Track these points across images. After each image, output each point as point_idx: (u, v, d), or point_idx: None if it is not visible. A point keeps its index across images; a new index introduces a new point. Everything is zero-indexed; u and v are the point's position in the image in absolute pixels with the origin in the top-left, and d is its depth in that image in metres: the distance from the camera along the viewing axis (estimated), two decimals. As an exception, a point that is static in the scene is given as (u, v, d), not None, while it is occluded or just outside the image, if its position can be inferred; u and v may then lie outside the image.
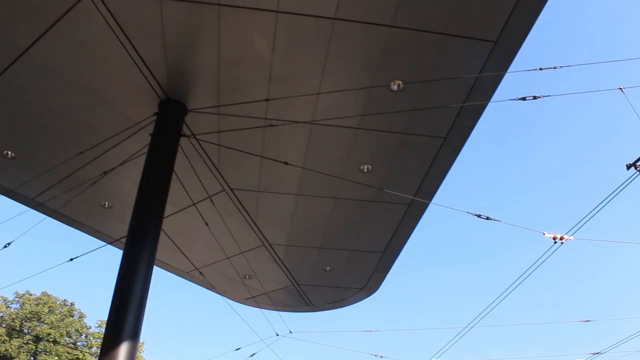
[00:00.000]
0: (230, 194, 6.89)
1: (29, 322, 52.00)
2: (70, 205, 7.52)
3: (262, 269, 8.42)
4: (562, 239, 10.21)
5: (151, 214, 5.42)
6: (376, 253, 8.05)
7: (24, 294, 53.85)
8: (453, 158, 6.45)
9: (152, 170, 5.64)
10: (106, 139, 6.27)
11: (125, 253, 5.19)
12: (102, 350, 4.72)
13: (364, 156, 6.41)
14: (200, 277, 8.68)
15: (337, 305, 9.70)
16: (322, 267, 8.44)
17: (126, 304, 4.85)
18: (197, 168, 6.51)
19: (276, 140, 6.19)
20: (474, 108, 5.67)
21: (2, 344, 49.16)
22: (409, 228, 7.52)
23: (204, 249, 8.08)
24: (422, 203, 6.97)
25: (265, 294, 9.21)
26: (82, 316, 57.01)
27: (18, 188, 7.28)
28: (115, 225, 7.82)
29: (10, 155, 6.73)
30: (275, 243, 7.82)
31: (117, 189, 7.13)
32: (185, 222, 7.49)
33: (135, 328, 4.78)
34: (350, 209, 7.18)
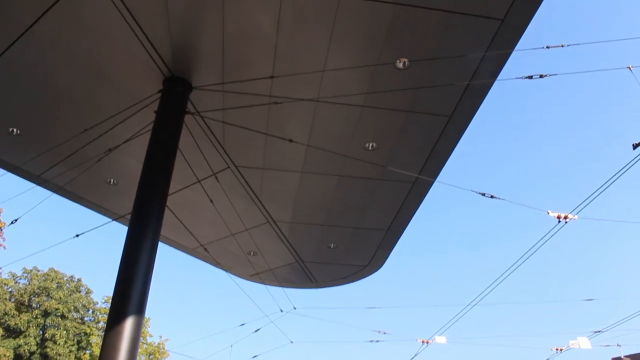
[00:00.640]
0: (234, 171, 6.90)
1: (37, 297, 52.72)
2: (75, 182, 7.56)
3: (266, 246, 8.47)
4: (567, 218, 10.22)
5: (156, 191, 5.45)
6: (380, 231, 8.08)
7: (32, 270, 54.50)
8: (458, 137, 6.44)
9: (156, 147, 5.66)
10: (111, 116, 6.27)
11: (130, 229, 5.23)
12: (108, 325, 4.79)
13: (369, 134, 6.40)
14: (205, 254, 8.75)
15: (341, 282, 9.78)
16: (326, 244, 8.49)
17: (131, 279, 4.91)
18: (201, 145, 6.52)
19: (281, 118, 6.19)
20: (480, 86, 5.63)
21: (11, 319, 49.94)
22: (413, 206, 7.54)
23: (208, 225, 8.13)
24: (426, 181, 6.97)
25: (269, 271, 9.28)
26: (89, 292, 57.73)
27: (24, 165, 7.32)
28: (121, 202, 7.87)
29: (16, 133, 6.76)
30: (280, 220, 7.86)
31: (122, 166, 7.16)
32: (190, 199, 7.53)
33: (140, 303, 4.85)
34: (354, 187, 7.19)
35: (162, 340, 55.60)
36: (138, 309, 4.81)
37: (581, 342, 26.09)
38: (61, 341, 50.70)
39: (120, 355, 4.54)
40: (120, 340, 4.59)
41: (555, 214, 10.08)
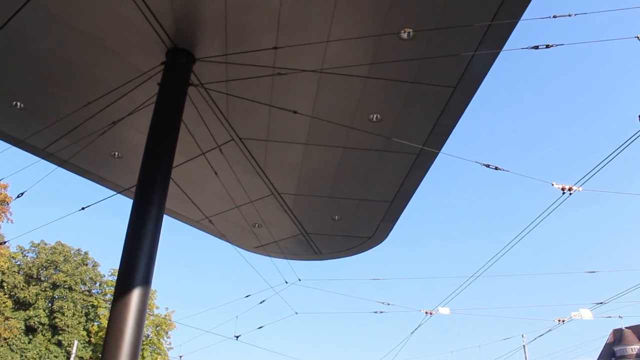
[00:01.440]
0: (239, 144, 6.90)
1: (45, 270, 53.36)
2: (80, 156, 7.57)
3: (271, 218, 8.51)
4: (571, 190, 10.21)
5: (160, 163, 5.46)
6: (384, 202, 8.09)
7: (39, 243, 55.06)
8: (463, 108, 6.40)
9: (160, 119, 5.65)
10: (114, 89, 6.25)
11: (136, 202, 5.26)
12: (115, 296, 4.85)
13: (373, 105, 6.36)
14: (210, 226, 8.80)
15: (345, 254, 9.84)
16: (331, 216, 8.52)
17: (137, 252, 4.96)
18: (205, 117, 6.50)
19: (285, 89, 6.15)
20: (485, 57, 5.58)
21: (21, 291, 50.65)
22: (418, 178, 7.53)
23: (213, 198, 8.15)
24: (431, 153, 6.96)
25: (274, 243, 9.34)
26: (95, 265, 58.39)
27: (28, 139, 7.32)
28: (125, 175, 7.89)
29: (20, 106, 6.75)
30: (284, 192, 7.88)
31: (127, 139, 7.16)
32: (194, 172, 7.54)
33: (146, 276, 4.90)
34: (359, 159, 7.18)
35: (169, 312, 56.41)
36: (144, 281, 4.86)
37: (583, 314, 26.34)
38: (69, 313, 51.51)
39: (127, 326, 4.60)
40: (127, 312, 4.65)
41: (560, 186, 10.07)
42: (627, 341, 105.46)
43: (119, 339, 4.54)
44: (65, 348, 49.79)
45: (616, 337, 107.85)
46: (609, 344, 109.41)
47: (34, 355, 48.43)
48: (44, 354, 49.24)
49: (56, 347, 50.70)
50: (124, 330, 4.58)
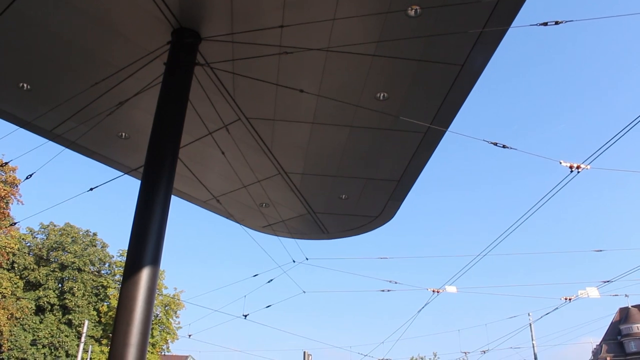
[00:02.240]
0: (245, 123, 6.89)
1: (54, 251, 53.88)
2: (87, 137, 7.59)
3: (278, 197, 8.53)
4: (579, 168, 10.16)
5: (168, 143, 5.47)
6: (392, 181, 8.08)
7: (49, 225, 55.54)
8: (470, 86, 6.35)
9: (167, 99, 5.65)
10: (120, 69, 6.24)
11: (143, 182, 5.29)
12: (124, 276, 4.90)
13: (380, 84, 6.33)
14: (218, 206, 8.83)
15: (352, 233, 9.86)
16: (338, 195, 8.52)
17: (146, 232, 5.00)
18: (212, 97, 6.49)
19: (291, 68, 6.12)
20: (493, 34, 5.51)
21: (31, 272, 51.25)
22: (425, 156, 7.51)
23: (220, 178, 8.17)
24: (438, 131, 6.93)
25: (282, 222, 9.37)
26: (104, 246, 58.87)
27: (36, 120, 7.34)
28: (133, 156, 7.91)
29: (26, 88, 6.75)
30: (291, 171, 7.88)
31: (134, 120, 7.17)
32: (201, 152, 7.55)
33: (155, 256, 4.94)
34: (366, 138, 7.16)
35: (177, 292, 56.98)
36: (153, 260, 4.91)
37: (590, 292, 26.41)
38: (79, 293, 52.14)
39: (137, 304, 4.66)
40: (137, 290, 4.70)
41: (568, 164, 10.02)
42: (633, 319, 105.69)
43: (129, 318, 4.60)
44: (76, 328, 50.48)
45: (622, 316, 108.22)
46: (615, 323, 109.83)
47: (46, 335, 49.17)
48: (56, 333, 49.97)
49: (67, 326, 51.42)
50: (134, 308, 4.64)
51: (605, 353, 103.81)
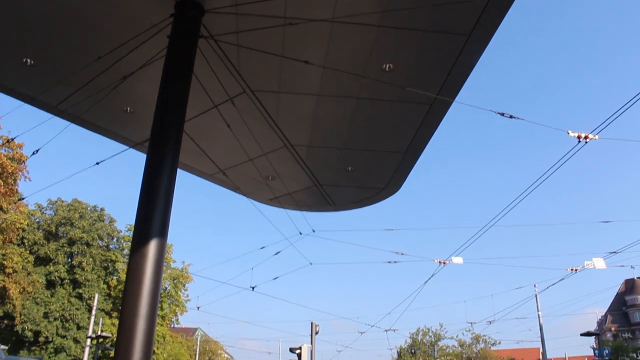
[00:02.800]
0: (250, 96, 6.85)
1: (63, 226, 54.39)
2: (92, 112, 7.58)
3: (284, 170, 8.53)
4: (587, 138, 10.10)
5: (173, 116, 5.47)
6: (398, 153, 8.06)
7: (56, 201, 55.96)
8: (477, 56, 6.27)
9: (171, 72, 5.62)
10: (124, 43, 6.20)
11: (149, 155, 5.30)
12: (132, 249, 4.94)
13: (386, 55, 6.26)
14: (225, 179, 8.85)
15: (359, 205, 9.88)
16: (344, 167, 8.51)
17: (152, 206, 5.02)
18: (216, 70, 6.45)
19: (296, 40, 6.06)
20: (500, 2, 5.43)
21: (41, 247, 51.85)
22: (432, 128, 7.47)
23: (226, 151, 8.17)
24: (444, 102, 6.87)
25: (288, 195, 9.38)
26: (112, 221, 59.33)
27: (40, 95, 7.33)
28: (139, 130, 7.91)
29: (30, 63, 6.72)
30: (297, 144, 7.85)
31: (138, 93, 7.14)
32: (207, 125, 7.53)
33: (162, 230, 4.97)
34: (372, 109, 7.12)
35: (185, 266, 57.58)
36: (160, 232, 4.94)
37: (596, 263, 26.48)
38: (88, 268, 52.78)
39: (145, 276, 4.71)
40: (145, 262, 4.75)
41: (576, 134, 9.95)
42: (638, 290, 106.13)
43: (137, 289, 4.65)
44: (86, 301, 51.24)
45: (628, 287, 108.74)
46: (620, 294, 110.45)
47: (57, 308, 49.99)
48: (67, 306, 50.79)
49: (77, 300, 52.21)
50: (142, 280, 4.69)
51: (610, 323, 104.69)
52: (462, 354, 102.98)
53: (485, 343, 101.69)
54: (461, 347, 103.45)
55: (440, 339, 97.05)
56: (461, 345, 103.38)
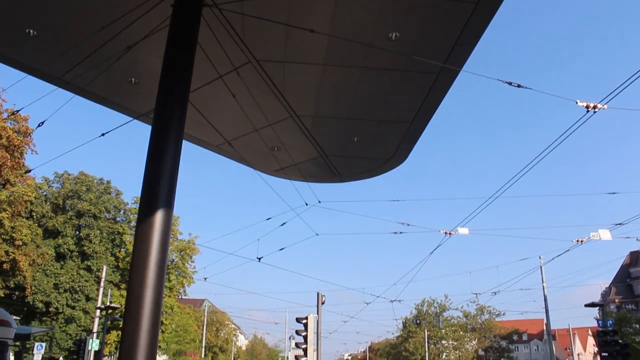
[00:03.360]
0: (255, 65, 6.79)
1: (70, 199, 54.78)
2: (97, 83, 7.55)
3: (290, 140, 8.49)
4: (596, 108, 10.01)
5: (177, 86, 5.44)
6: (404, 123, 8.00)
7: (63, 174, 56.25)
8: (485, 24, 6.17)
9: (175, 42, 5.57)
10: (128, 12, 6.12)
11: (154, 126, 5.29)
12: (138, 221, 4.96)
13: (392, 23, 6.16)
14: (230, 150, 8.83)
15: (364, 176, 9.86)
16: (350, 137, 8.46)
17: (158, 177, 5.02)
18: (221, 40, 6.38)
19: (301, 8, 5.97)
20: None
21: (49, 220, 52.33)
22: (438, 97, 7.40)
23: (232, 121, 8.13)
24: (451, 71, 6.79)
25: (294, 166, 9.36)
26: (118, 193, 59.67)
27: (44, 67, 7.30)
28: (144, 101, 7.87)
29: (33, 34, 6.67)
30: (303, 114, 7.80)
31: (143, 64, 7.09)
32: (212, 96, 7.49)
33: (168, 201, 4.98)
34: (377, 79, 7.05)
35: (192, 237, 58.03)
36: (167, 202, 4.95)
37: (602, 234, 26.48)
38: (96, 240, 53.31)
39: (152, 246, 4.74)
40: (152, 232, 4.77)
41: (584, 104, 9.86)
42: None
43: (145, 259, 4.69)
44: (95, 273, 51.89)
45: (633, 259, 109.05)
46: (625, 266, 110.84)
47: (67, 279, 50.72)
48: (76, 278, 51.50)
49: (86, 272, 52.90)
50: (149, 250, 4.72)
51: (614, 295, 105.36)
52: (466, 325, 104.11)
53: (490, 314, 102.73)
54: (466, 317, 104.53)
55: (445, 310, 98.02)
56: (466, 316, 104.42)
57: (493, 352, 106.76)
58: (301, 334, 24.47)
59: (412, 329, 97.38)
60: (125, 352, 4.48)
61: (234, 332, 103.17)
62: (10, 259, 40.39)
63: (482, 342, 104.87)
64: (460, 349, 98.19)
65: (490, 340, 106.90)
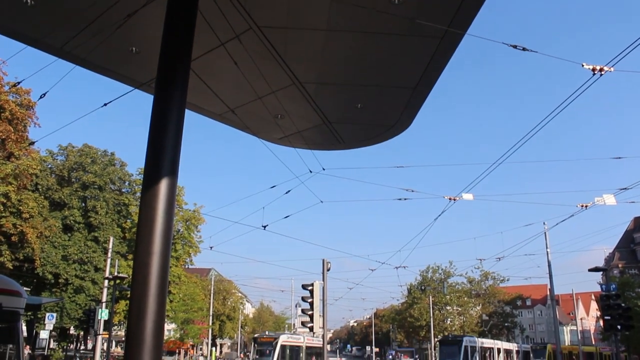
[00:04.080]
0: (257, 32, 6.71)
1: (75, 172, 54.99)
2: (98, 53, 7.49)
3: (293, 108, 8.45)
4: (602, 71, 9.90)
5: (179, 54, 5.40)
6: (408, 89, 7.93)
7: (67, 146, 56.35)
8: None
9: (175, 9, 5.51)
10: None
11: (157, 94, 5.28)
12: (142, 192, 4.97)
13: (396, -15, 6.05)
14: (234, 118, 8.80)
15: (368, 143, 9.83)
16: (354, 104, 8.41)
17: (161, 147, 5.02)
18: (222, 6, 6.29)
19: (302, -29, 5.87)
20: None
21: (55, 193, 52.65)
22: (442, 62, 7.31)
23: (234, 90, 8.08)
24: (456, 34, 6.69)
25: (297, 133, 9.33)
26: (123, 165, 59.88)
27: (44, 37, 7.23)
28: (146, 70, 7.81)
29: (30, 3, 6.58)
30: (306, 81, 7.74)
31: (143, 33, 7.01)
32: (214, 64, 7.43)
33: (172, 170, 4.98)
34: (381, 44, 6.96)
35: (197, 207, 58.39)
36: (171, 170, 4.96)
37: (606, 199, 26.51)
38: (102, 211, 53.72)
39: (157, 214, 4.76)
40: (157, 199, 4.79)
41: (590, 67, 9.75)
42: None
43: (150, 227, 4.72)
44: (102, 244, 52.43)
45: (637, 224, 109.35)
46: (629, 231, 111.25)
47: (75, 251, 51.32)
48: (84, 249, 52.08)
49: (93, 243, 53.48)
50: (154, 218, 4.75)
51: (617, 260, 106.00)
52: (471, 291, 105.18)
53: (494, 280, 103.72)
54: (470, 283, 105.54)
55: (450, 276, 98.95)
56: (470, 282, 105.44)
57: (497, 317, 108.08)
58: (307, 300, 24.78)
59: (417, 295, 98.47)
60: (134, 320, 4.53)
61: (240, 300, 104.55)
62: (18, 231, 40.82)
63: (486, 307, 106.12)
64: (465, 315, 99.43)
65: (494, 305, 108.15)
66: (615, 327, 29.68)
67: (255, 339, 56.11)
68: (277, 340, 50.62)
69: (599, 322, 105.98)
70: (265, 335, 55.87)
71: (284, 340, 51.54)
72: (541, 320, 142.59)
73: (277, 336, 52.60)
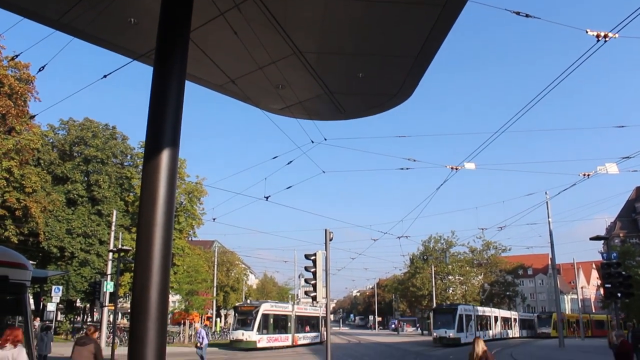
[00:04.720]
0: (257, 0, 6.62)
1: (76, 146, 55.03)
2: (96, 25, 7.40)
3: (294, 78, 8.38)
4: (606, 37, 9.78)
5: (178, 25, 5.36)
6: (409, 57, 7.85)
7: (68, 120, 56.29)
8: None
9: (174, -23, 5.43)
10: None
11: (156, 64, 5.26)
12: (144, 164, 4.99)
13: (396, -49, 5.95)
14: (235, 89, 8.74)
15: (370, 112, 9.76)
16: (355, 73, 8.34)
17: (162, 119, 5.01)
18: (220, -26, 6.21)
19: (301, -63, 5.76)
20: None
21: (57, 167, 52.78)
22: (444, 29, 7.21)
23: (235, 60, 8.01)
24: (458, 2, 6.60)
25: (299, 103, 9.27)
26: (124, 138, 59.93)
27: (41, 9, 7.14)
28: (144, 42, 7.74)
29: (27, -27, 6.50)
30: (306, 51, 7.66)
31: (142, 3, 6.93)
32: (214, 34, 7.35)
33: (173, 141, 4.98)
34: (382, 12, 6.85)
35: (199, 180, 58.55)
36: (172, 143, 4.96)
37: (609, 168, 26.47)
38: (105, 185, 53.95)
39: (160, 184, 4.78)
40: (159, 170, 4.80)
41: (595, 33, 9.63)
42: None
43: (152, 198, 4.74)
44: (106, 217, 52.77)
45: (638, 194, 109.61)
46: (630, 201, 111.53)
47: (79, 225, 51.71)
48: (88, 223, 52.44)
49: (97, 216, 53.84)
50: (156, 189, 4.76)
51: (619, 229, 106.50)
52: (472, 260, 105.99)
53: (496, 249, 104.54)
54: (472, 253, 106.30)
55: (452, 246, 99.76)
56: (472, 251, 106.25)
57: (499, 286, 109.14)
58: (310, 270, 25.01)
59: (419, 265, 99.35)
60: (138, 292, 4.57)
61: (244, 271, 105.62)
62: (22, 206, 41.10)
63: (488, 277, 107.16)
64: (467, 284, 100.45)
65: (496, 275, 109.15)
66: (616, 295, 30.02)
67: (236, 308, 55.54)
68: (258, 309, 50.00)
69: (599, 291, 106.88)
70: (246, 305, 55.22)
71: (265, 309, 50.94)
72: (542, 289, 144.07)
73: (258, 304, 51.95)
